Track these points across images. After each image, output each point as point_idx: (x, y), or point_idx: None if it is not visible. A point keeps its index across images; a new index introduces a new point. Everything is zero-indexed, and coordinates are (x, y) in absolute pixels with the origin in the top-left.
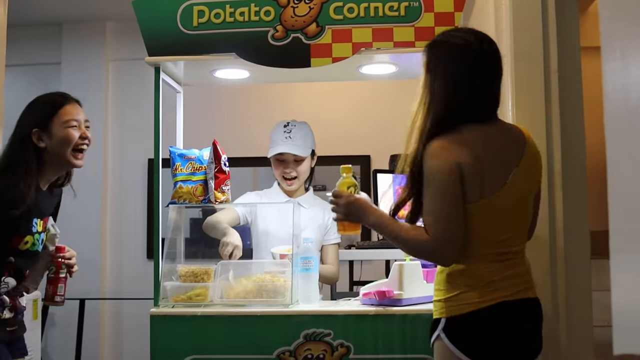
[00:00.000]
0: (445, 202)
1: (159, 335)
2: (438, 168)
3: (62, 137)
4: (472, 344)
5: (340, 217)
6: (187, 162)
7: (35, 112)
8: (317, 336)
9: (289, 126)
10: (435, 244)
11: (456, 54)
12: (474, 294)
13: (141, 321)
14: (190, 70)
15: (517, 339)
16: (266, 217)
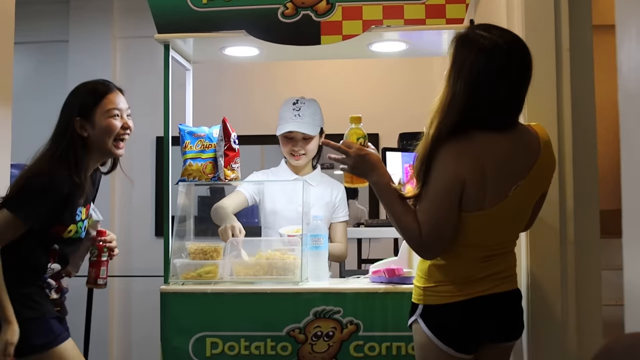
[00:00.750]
0: (440, 206)
1: (169, 312)
2: (443, 174)
3: (104, 127)
4: (446, 332)
5: (348, 170)
6: (197, 139)
7: (77, 100)
8: (326, 314)
9: (298, 104)
10: (421, 240)
11: (484, 57)
12: (452, 287)
13: (150, 298)
14: (199, 47)
15: (489, 328)
16: (274, 195)
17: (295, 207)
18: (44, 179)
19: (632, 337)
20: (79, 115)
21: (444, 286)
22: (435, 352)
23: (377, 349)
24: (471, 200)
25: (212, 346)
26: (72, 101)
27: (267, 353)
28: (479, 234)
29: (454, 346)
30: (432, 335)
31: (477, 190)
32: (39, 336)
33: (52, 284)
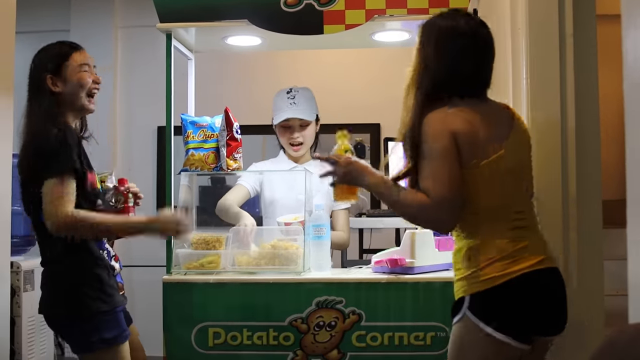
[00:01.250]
0: (443, 164)
1: (171, 302)
2: (434, 135)
3: (77, 81)
4: (500, 317)
5: (338, 180)
6: (199, 129)
7: (46, 58)
8: (329, 304)
9: (292, 92)
10: (435, 204)
11: (447, 35)
12: (494, 267)
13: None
14: (201, 37)
15: (545, 309)
16: (274, 185)
17: (296, 195)
18: (53, 133)
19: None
20: (50, 72)
21: (485, 268)
22: (489, 345)
23: (379, 339)
24: (468, 153)
25: (214, 336)
26: (41, 60)
27: (269, 343)
28: (489, 193)
29: (511, 333)
30: (485, 326)
31: (471, 142)
32: (110, 330)
33: (110, 252)
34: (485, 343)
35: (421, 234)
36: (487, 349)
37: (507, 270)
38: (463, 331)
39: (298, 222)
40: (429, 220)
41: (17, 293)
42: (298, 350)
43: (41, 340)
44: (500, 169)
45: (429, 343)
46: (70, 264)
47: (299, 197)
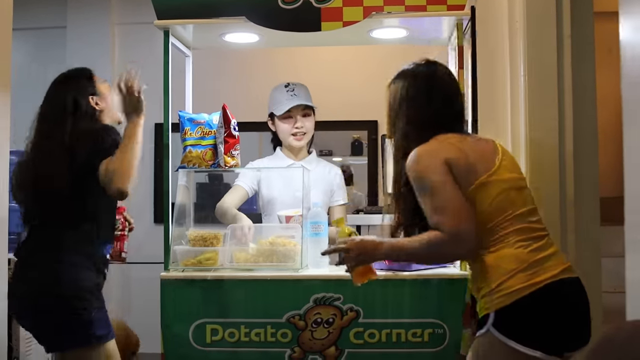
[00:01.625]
0: (447, 193)
1: (169, 298)
2: (427, 169)
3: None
4: (526, 331)
5: (355, 264)
6: (197, 126)
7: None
8: (326, 300)
9: (290, 86)
10: (452, 238)
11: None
12: (516, 279)
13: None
14: (199, 33)
15: (570, 320)
16: (272, 183)
17: (294, 192)
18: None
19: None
20: (92, 93)
21: (508, 281)
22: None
23: (377, 335)
24: (463, 176)
25: (212, 333)
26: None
27: (267, 340)
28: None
29: (540, 347)
30: (512, 342)
31: (465, 165)
32: (101, 327)
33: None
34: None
35: None
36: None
37: (530, 281)
38: (487, 347)
39: (299, 215)
40: (449, 253)
41: None
42: (296, 347)
43: None
44: (500, 181)
45: (426, 340)
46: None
47: (297, 194)
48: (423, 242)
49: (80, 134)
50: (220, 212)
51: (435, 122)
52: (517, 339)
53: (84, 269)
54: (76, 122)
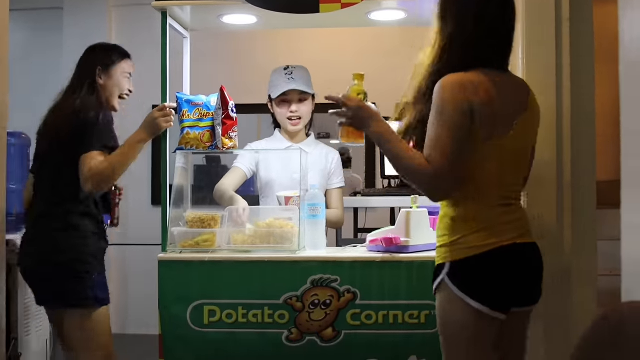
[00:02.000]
0: (451, 135)
1: (167, 280)
2: (451, 102)
3: (119, 81)
4: (476, 286)
5: (347, 122)
6: (194, 108)
7: (101, 54)
8: (324, 282)
9: (289, 69)
10: (434, 174)
11: (467, 1)
12: (477, 236)
13: (147, 267)
14: (197, 15)
15: (520, 281)
16: (270, 165)
17: (292, 174)
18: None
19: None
20: (101, 65)
21: (469, 236)
22: (468, 314)
23: (373, 317)
24: (484, 126)
25: (209, 314)
26: (95, 54)
27: (264, 321)
28: (495, 170)
29: (487, 303)
30: (462, 294)
31: (488, 116)
32: (101, 290)
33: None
34: (464, 311)
35: (416, 213)
36: (466, 317)
37: (488, 241)
38: (444, 300)
39: (298, 196)
40: (423, 186)
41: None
42: (293, 328)
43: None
44: (506, 149)
45: (423, 321)
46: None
47: (294, 176)
48: (410, 158)
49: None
50: (219, 194)
51: (482, 53)
52: (466, 292)
53: (89, 233)
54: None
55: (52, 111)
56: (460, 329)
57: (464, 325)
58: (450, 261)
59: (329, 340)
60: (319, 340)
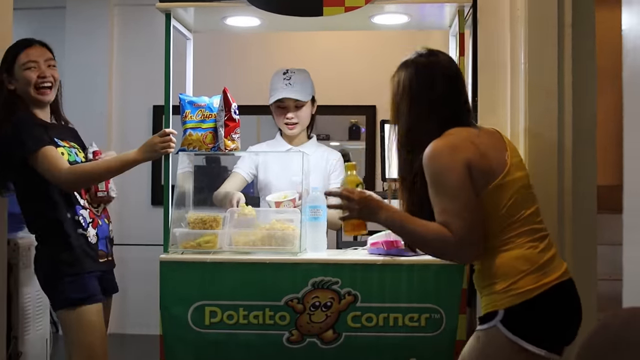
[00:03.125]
0: (461, 198)
1: (168, 281)
2: (449, 167)
3: (22, 79)
4: (533, 330)
5: (353, 216)
6: (197, 109)
7: (3, 59)
8: (325, 284)
9: (288, 73)
10: (458, 241)
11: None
12: (527, 279)
13: (147, 267)
14: (200, 17)
15: (571, 321)
16: (270, 167)
17: (290, 177)
18: (15, 118)
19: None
20: (6, 72)
21: (519, 281)
22: (523, 358)
23: (374, 319)
24: (480, 178)
25: (210, 315)
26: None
27: (265, 322)
28: (506, 207)
29: (545, 345)
30: (518, 339)
31: (482, 167)
32: (75, 291)
33: (87, 218)
34: (517, 356)
35: None
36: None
37: (540, 282)
38: (489, 342)
39: (289, 200)
40: (450, 254)
41: (13, 270)
42: (294, 330)
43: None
44: (512, 181)
45: (423, 324)
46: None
47: (294, 179)
48: (430, 231)
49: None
50: (219, 197)
51: (441, 112)
52: (524, 337)
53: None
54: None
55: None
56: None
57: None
58: (504, 309)
59: (329, 342)
60: (319, 342)
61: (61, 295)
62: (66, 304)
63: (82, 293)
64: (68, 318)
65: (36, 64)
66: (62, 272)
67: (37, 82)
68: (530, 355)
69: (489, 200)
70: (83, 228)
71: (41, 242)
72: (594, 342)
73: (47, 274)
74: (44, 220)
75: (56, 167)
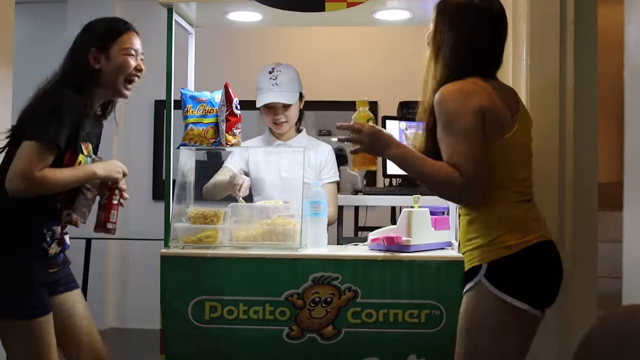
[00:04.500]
0: (472, 141)
1: (168, 275)
2: (462, 110)
3: (119, 63)
4: (517, 285)
5: (362, 149)
6: (199, 104)
7: (95, 33)
8: (325, 280)
9: (274, 72)
10: (467, 183)
11: (464, 13)
12: (511, 235)
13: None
14: (202, 11)
15: (555, 277)
16: (260, 163)
17: (280, 173)
18: (59, 98)
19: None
20: (95, 47)
21: (504, 235)
22: (506, 313)
23: (374, 315)
24: (492, 128)
25: (211, 310)
26: (88, 34)
27: (265, 318)
28: (507, 167)
29: (529, 301)
30: (503, 294)
31: (495, 117)
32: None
33: (56, 234)
34: (502, 311)
35: (418, 213)
36: (503, 317)
37: (524, 238)
38: (476, 300)
39: (286, 202)
40: (456, 195)
41: None
42: (293, 326)
43: None
44: (514, 145)
45: (423, 321)
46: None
47: (283, 174)
48: (438, 171)
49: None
50: (210, 189)
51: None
52: (508, 291)
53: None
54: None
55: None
56: (498, 328)
57: (500, 325)
58: (488, 262)
59: (329, 337)
60: (319, 338)
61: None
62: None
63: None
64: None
65: (136, 52)
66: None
67: (132, 73)
68: (514, 309)
69: (497, 153)
70: (47, 243)
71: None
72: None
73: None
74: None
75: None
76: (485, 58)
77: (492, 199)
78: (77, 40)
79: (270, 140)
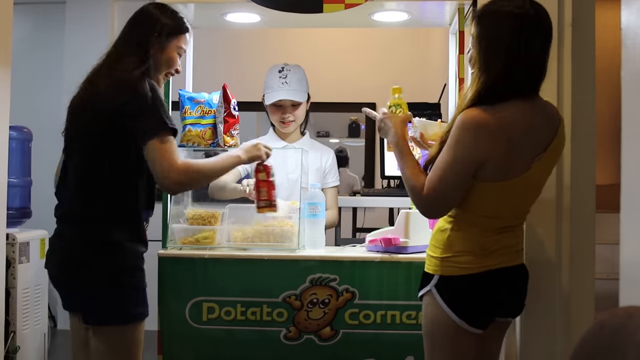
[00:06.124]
0: (454, 173)
1: (166, 276)
2: (467, 146)
3: (169, 58)
4: (460, 303)
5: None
6: (196, 105)
7: (164, 21)
8: (323, 281)
9: (284, 71)
10: (425, 197)
11: (507, 24)
12: (470, 258)
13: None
14: (200, 12)
15: (501, 302)
16: None
17: (286, 175)
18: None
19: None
20: (159, 36)
21: (462, 257)
22: (447, 326)
23: (371, 317)
24: (493, 173)
25: (208, 311)
26: (156, 19)
27: (262, 319)
28: (498, 204)
29: (468, 320)
30: (446, 307)
31: (501, 164)
32: (137, 305)
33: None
34: (446, 321)
35: (416, 214)
36: (449, 328)
37: (478, 264)
38: (431, 307)
39: None
40: (415, 203)
41: (12, 265)
42: (291, 327)
43: (35, 312)
44: (519, 189)
45: (420, 322)
46: (115, 230)
47: (290, 176)
48: (413, 175)
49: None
50: (218, 187)
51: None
52: (450, 306)
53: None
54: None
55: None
56: (442, 337)
57: (446, 334)
58: (440, 275)
59: (326, 339)
60: (316, 339)
61: (124, 309)
62: (130, 320)
63: (143, 307)
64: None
65: (183, 55)
66: (129, 283)
67: (171, 73)
68: (456, 324)
69: (484, 190)
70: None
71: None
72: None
73: (108, 280)
74: (121, 215)
75: (169, 160)
76: (526, 75)
77: (466, 222)
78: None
79: (275, 141)
